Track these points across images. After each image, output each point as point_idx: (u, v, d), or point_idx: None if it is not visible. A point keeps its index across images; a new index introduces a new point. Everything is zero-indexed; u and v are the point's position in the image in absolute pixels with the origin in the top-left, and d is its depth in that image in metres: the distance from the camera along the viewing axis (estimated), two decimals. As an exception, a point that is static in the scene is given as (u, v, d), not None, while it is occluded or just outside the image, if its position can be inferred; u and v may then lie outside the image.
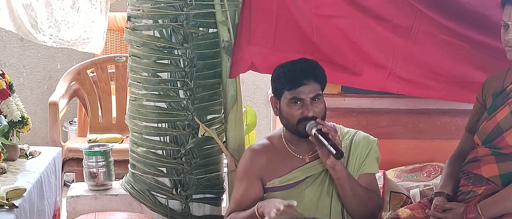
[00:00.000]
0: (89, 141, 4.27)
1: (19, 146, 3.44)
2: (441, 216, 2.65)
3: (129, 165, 3.42)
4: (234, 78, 3.22)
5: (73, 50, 4.82)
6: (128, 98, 3.52)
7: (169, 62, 3.18)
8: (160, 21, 3.15)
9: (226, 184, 3.42)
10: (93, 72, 4.69)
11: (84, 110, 4.72)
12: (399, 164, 3.66)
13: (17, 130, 3.43)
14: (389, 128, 3.72)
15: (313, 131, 2.68)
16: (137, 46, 3.22)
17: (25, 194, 2.89)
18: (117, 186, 3.45)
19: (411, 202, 3.17)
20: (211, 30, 3.20)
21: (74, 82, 4.61)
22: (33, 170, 3.26)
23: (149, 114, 3.24)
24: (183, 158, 3.24)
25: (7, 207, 2.72)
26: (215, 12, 3.16)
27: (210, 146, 3.31)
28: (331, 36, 3.21)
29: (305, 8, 3.17)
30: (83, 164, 3.45)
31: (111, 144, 3.56)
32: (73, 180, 4.48)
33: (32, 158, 3.46)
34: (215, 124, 3.30)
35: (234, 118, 3.25)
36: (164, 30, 3.16)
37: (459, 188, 2.76)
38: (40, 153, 3.53)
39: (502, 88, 2.72)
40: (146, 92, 3.23)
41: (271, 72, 2.90)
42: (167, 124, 3.23)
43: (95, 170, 3.40)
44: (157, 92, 3.21)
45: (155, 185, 3.30)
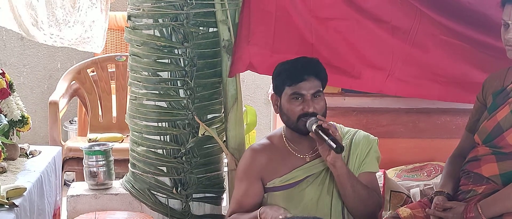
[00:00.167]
0: (89, 140, 4.27)
1: (19, 145, 3.44)
2: (441, 215, 2.65)
3: (129, 164, 3.42)
4: (234, 77, 3.22)
5: (73, 50, 4.82)
6: (128, 97, 3.52)
7: (169, 61, 3.18)
8: (160, 20, 3.15)
9: (226, 183, 3.42)
10: (93, 71, 4.69)
11: (84, 109, 4.72)
12: (399, 164, 3.66)
13: (17, 129, 3.43)
14: (389, 127, 3.72)
15: (314, 127, 2.68)
16: (137, 45, 3.22)
17: (25, 193, 2.89)
18: (117, 185, 3.45)
19: (412, 201, 3.17)
20: (211, 29, 3.20)
21: (74, 81, 4.60)
22: (33, 169, 3.26)
23: (149, 113, 3.24)
24: (183, 157, 3.24)
25: (8, 206, 2.72)
26: (216, 11, 3.16)
27: (210, 145, 3.31)
28: (330, 38, 3.21)
29: (303, 11, 3.17)
30: (83, 164, 3.45)
31: (111, 143, 3.56)
32: (73, 179, 4.49)
33: (32, 157, 3.46)
34: (215, 123, 3.30)
35: (234, 117, 3.25)
36: (164, 29, 3.16)
37: (460, 187, 2.76)
38: (40, 152, 3.54)
39: (502, 87, 2.72)
40: (146, 91, 3.23)
41: (270, 73, 2.90)
42: (167, 123, 3.23)
43: (95, 169, 3.40)
44: (157, 91, 3.21)
45: (155, 184, 3.30)
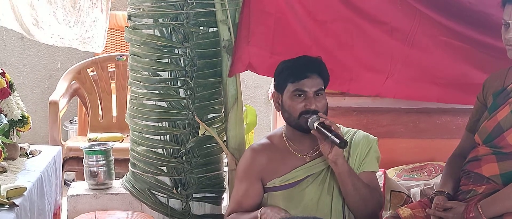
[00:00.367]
0: (90, 140, 4.27)
1: (20, 145, 3.44)
2: (441, 215, 2.65)
3: (129, 164, 3.42)
4: (234, 77, 3.22)
5: (73, 49, 4.81)
6: (128, 97, 3.52)
7: (170, 61, 3.18)
8: (160, 20, 3.15)
9: (226, 183, 3.42)
10: (93, 71, 4.69)
11: (84, 109, 4.71)
12: (399, 163, 3.66)
13: (17, 129, 3.43)
14: (389, 127, 3.72)
15: (315, 124, 2.68)
16: (138, 45, 3.21)
17: (25, 193, 2.89)
18: (118, 185, 3.45)
19: (412, 201, 3.17)
20: (211, 29, 3.20)
21: (74, 81, 4.60)
22: (33, 169, 3.26)
23: (149, 113, 3.24)
24: (184, 157, 3.24)
25: (8, 206, 2.72)
26: (216, 11, 3.16)
27: (210, 145, 3.31)
28: (328, 41, 3.21)
29: (302, 13, 3.17)
30: (84, 163, 3.45)
31: (111, 143, 3.56)
32: (74, 179, 4.48)
33: (32, 157, 3.46)
34: (215, 123, 3.30)
35: (234, 117, 3.25)
36: (164, 29, 3.16)
37: (460, 187, 2.76)
38: (40, 152, 3.53)
39: (502, 87, 2.72)
40: (146, 91, 3.23)
41: (269, 74, 2.90)
42: (167, 123, 3.23)
43: (95, 169, 3.40)
44: (158, 91, 3.21)
45: (156, 184, 3.30)
